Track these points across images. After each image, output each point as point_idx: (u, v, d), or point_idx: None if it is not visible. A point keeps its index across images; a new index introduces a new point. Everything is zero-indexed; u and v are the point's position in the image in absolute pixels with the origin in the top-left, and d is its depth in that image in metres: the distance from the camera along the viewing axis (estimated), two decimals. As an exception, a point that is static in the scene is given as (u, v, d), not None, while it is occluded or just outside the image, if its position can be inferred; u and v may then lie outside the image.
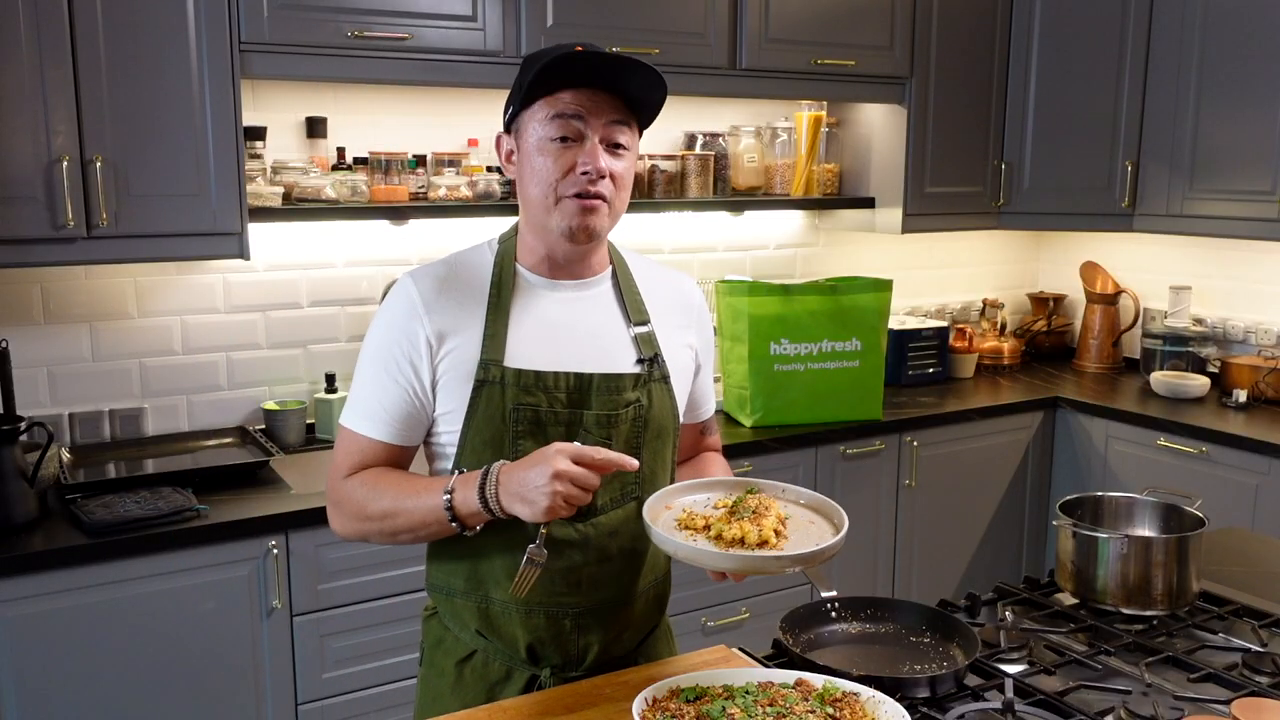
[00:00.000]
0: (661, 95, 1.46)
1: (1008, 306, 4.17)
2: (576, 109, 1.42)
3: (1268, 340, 3.58)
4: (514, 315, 1.48)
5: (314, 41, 2.46)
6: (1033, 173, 3.62)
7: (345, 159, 2.81)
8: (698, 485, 1.53)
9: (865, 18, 3.23)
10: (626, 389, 1.49)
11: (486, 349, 1.46)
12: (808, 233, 3.71)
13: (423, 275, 1.50)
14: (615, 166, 1.45)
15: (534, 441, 1.45)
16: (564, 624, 1.50)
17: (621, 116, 1.45)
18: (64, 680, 2.15)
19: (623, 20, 2.83)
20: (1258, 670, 1.53)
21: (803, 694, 1.31)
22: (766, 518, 1.39)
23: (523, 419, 1.45)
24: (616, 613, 1.54)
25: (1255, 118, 3.20)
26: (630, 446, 1.50)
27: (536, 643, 1.51)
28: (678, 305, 1.63)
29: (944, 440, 3.31)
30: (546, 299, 1.51)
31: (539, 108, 1.44)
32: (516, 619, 1.50)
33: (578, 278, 1.54)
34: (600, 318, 1.53)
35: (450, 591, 1.55)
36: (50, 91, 2.21)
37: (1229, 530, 2.32)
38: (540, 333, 1.49)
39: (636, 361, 1.52)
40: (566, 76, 1.42)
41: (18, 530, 2.18)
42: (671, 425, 1.57)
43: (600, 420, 1.48)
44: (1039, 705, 1.41)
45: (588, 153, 1.43)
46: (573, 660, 1.53)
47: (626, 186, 1.49)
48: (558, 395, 1.46)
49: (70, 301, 2.62)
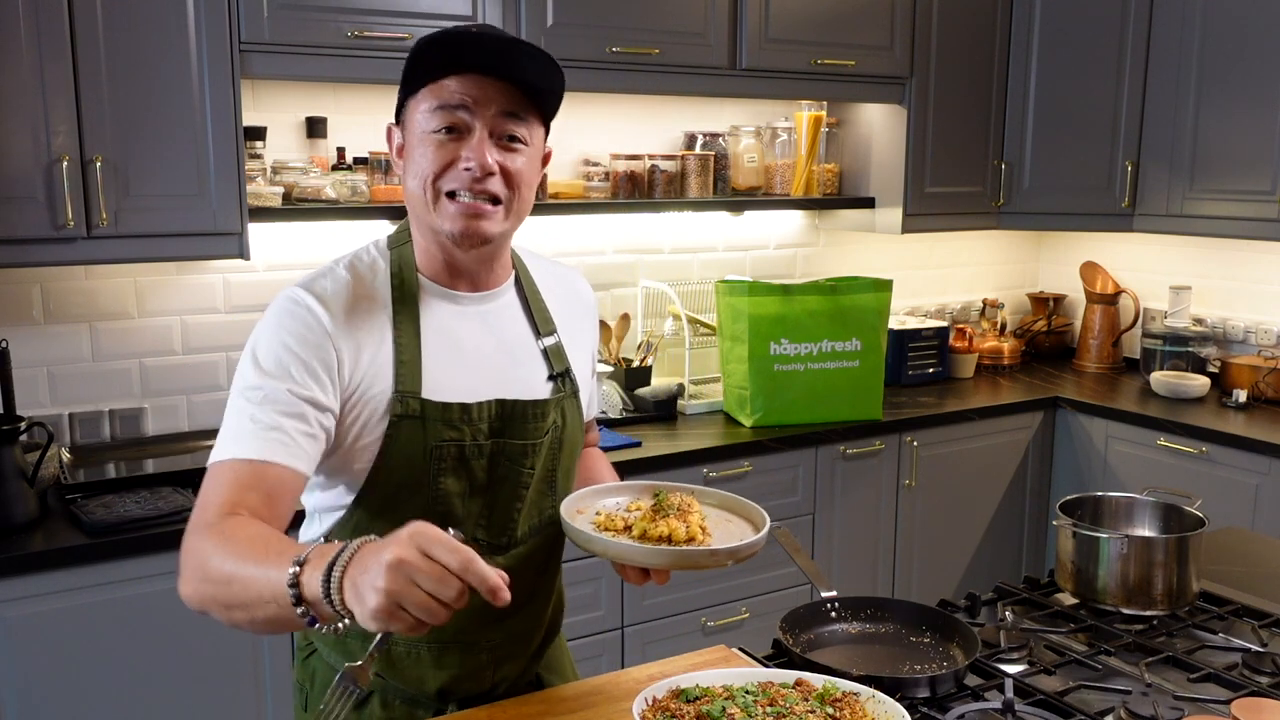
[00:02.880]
0: (559, 82, 1.31)
1: (1008, 306, 4.17)
2: (462, 98, 1.27)
3: (1268, 340, 3.58)
4: (424, 336, 1.33)
5: (314, 41, 2.46)
6: (1033, 173, 3.62)
7: (345, 159, 2.81)
8: (609, 490, 1.50)
9: (865, 18, 3.23)
10: (549, 413, 1.40)
11: (402, 379, 1.30)
12: (808, 233, 3.71)
13: (320, 288, 1.31)
14: (509, 162, 1.29)
15: (455, 479, 1.34)
16: (480, 659, 1.42)
17: (516, 108, 1.29)
18: (64, 680, 2.15)
19: (623, 20, 2.83)
20: (1258, 670, 1.53)
21: (803, 694, 1.31)
22: (691, 514, 1.38)
23: (446, 455, 1.32)
24: (530, 641, 1.48)
25: (1255, 118, 3.20)
26: (547, 470, 1.42)
27: (449, 682, 1.40)
28: (576, 307, 1.53)
29: (944, 440, 3.31)
30: (451, 314, 1.37)
31: (423, 96, 1.30)
32: (427, 660, 1.38)
33: (481, 288, 1.40)
34: (509, 334, 1.41)
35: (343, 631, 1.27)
36: (50, 91, 2.21)
37: (1229, 530, 2.31)
38: (453, 356, 1.35)
39: (548, 378, 1.43)
40: (451, 62, 1.27)
41: (18, 530, 2.18)
42: (580, 439, 1.49)
43: (525, 450, 1.38)
44: (1039, 705, 1.41)
45: (472, 147, 1.27)
46: (485, 694, 1.44)
47: (526, 184, 1.33)
48: (480, 426, 1.34)
49: (70, 301, 2.62)
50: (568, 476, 1.48)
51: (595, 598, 2.74)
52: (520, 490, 1.40)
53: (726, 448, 2.87)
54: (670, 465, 2.76)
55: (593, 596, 2.73)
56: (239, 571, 1.09)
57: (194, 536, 1.16)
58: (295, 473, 1.23)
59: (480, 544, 1.39)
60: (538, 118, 1.34)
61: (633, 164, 3.13)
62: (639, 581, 1.35)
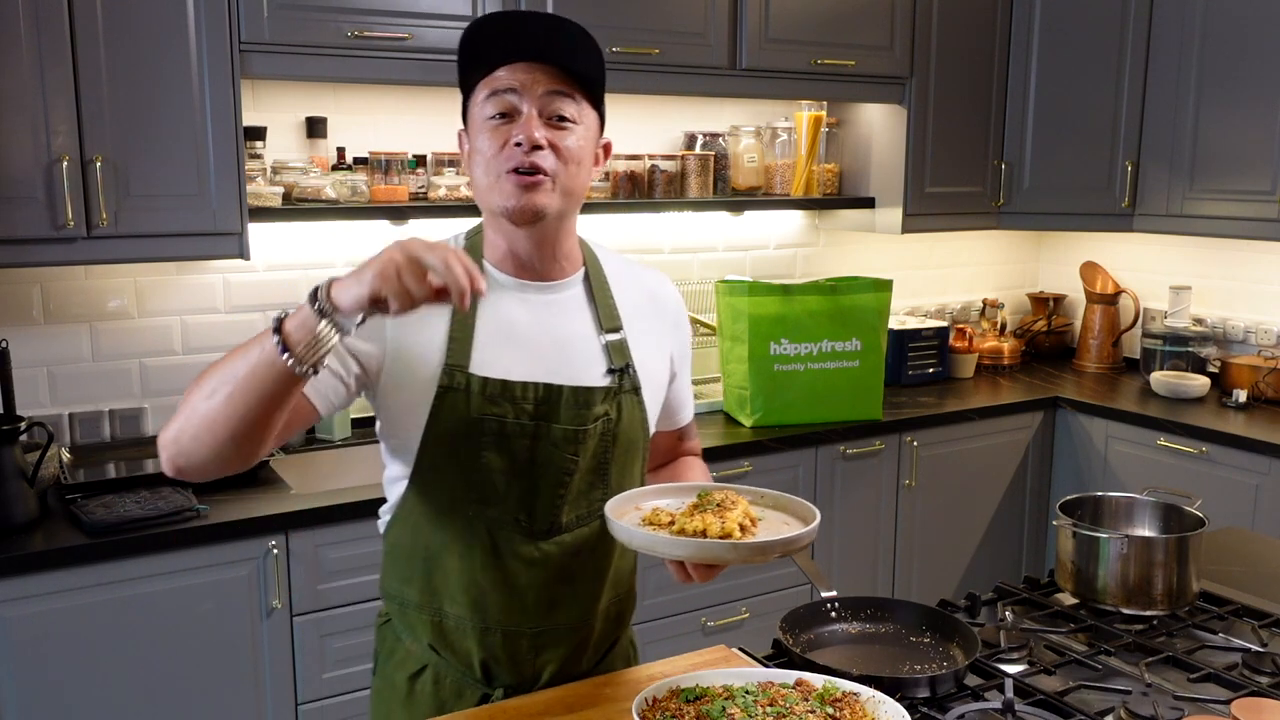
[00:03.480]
0: (597, 57, 1.39)
1: (1008, 306, 4.17)
2: (510, 83, 1.35)
3: (1268, 340, 3.58)
4: (480, 318, 1.40)
5: (314, 41, 2.46)
6: (1033, 173, 3.62)
7: (345, 159, 2.81)
8: (671, 489, 1.48)
9: (865, 18, 3.23)
10: (595, 402, 1.42)
11: (451, 352, 1.38)
12: (808, 233, 3.71)
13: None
14: (559, 139, 1.36)
15: (498, 454, 1.38)
16: (520, 644, 1.45)
17: (563, 87, 1.36)
18: (64, 680, 2.15)
19: (623, 20, 2.83)
20: (1258, 670, 1.53)
21: (803, 694, 1.31)
22: (731, 510, 1.34)
23: (487, 430, 1.37)
24: (575, 634, 1.49)
25: (1255, 118, 3.20)
26: (597, 461, 1.44)
27: (491, 661, 1.46)
28: (652, 309, 1.54)
29: (944, 440, 3.31)
30: (514, 301, 1.43)
31: (479, 91, 1.38)
32: (472, 635, 1.44)
33: (547, 279, 1.45)
34: (570, 325, 1.45)
35: (404, 601, 1.48)
36: (50, 91, 2.21)
37: (1229, 530, 2.31)
38: (507, 338, 1.41)
39: (606, 372, 1.45)
40: (496, 52, 1.36)
41: (18, 530, 2.18)
42: (641, 438, 1.50)
43: (567, 435, 1.40)
44: (1039, 705, 1.41)
45: (521, 124, 1.34)
46: (527, 681, 1.47)
47: (577, 161, 1.38)
48: (524, 406, 1.38)
49: (70, 301, 2.62)
50: (624, 472, 1.48)
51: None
52: (564, 477, 1.42)
53: (726, 448, 2.87)
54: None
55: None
56: (225, 359, 1.21)
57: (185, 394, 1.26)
58: (312, 406, 1.33)
59: (521, 525, 1.42)
60: (587, 99, 1.40)
61: (633, 164, 3.13)
62: (682, 577, 1.33)
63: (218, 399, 1.20)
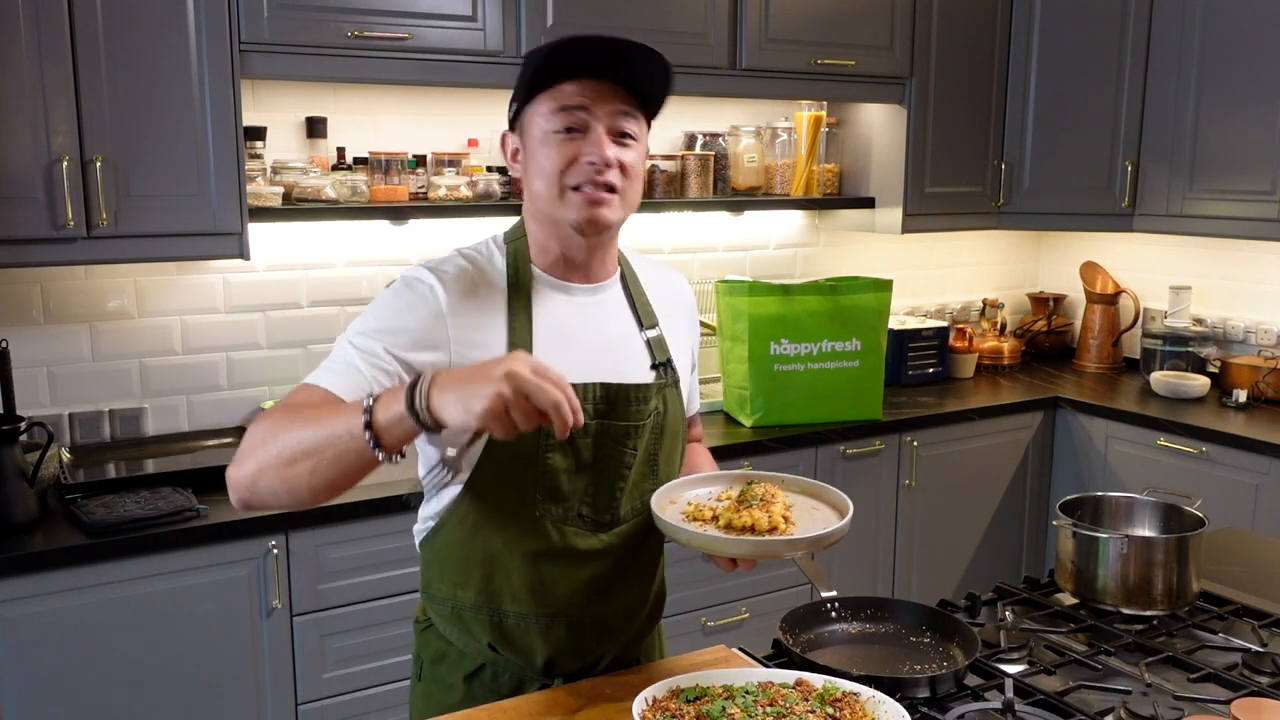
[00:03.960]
0: (668, 80, 1.42)
1: (1008, 306, 4.17)
2: (580, 100, 1.38)
3: (1268, 340, 3.58)
4: (536, 321, 1.44)
5: (314, 41, 2.46)
6: (1033, 173, 3.62)
7: (345, 159, 2.81)
8: (699, 480, 1.55)
9: (865, 18, 3.23)
10: (649, 398, 1.48)
11: None
12: (808, 233, 3.71)
13: (445, 273, 1.42)
14: (624, 156, 1.41)
15: (561, 455, 1.42)
16: (585, 634, 1.50)
17: (627, 106, 1.41)
18: (64, 680, 2.15)
19: (623, 20, 2.83)
20: (1258, 670, 1.53)
21: (803, 694, 1.31)
22: (774, 504, 1.42)
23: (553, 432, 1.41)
24: (632, 619, 1.55)
25: (1255, 118, 3.20)
26: (649, 454, 1.50)
27: (556, 654, 1.49)
28: (676, 305, 1.63)
29: (944, 440, 3.31)
30: (562, 304, 1.48)
31: (542, 101, 1.41)
32: (535, 631, 1.48)
33: (590, 281, 1.50)
34: (616, 324, 1.52)
35: (458, 604, 1.50)
36: (50, 91, 2.21)
37: (1229, 530, 2.31)
38: (564, 341, 1.45)
39: (651, 368, 1.52)
40: (568, 68, 1.38)
41: (18, 530, 2.18)
42: (682, 428, 1.58)
43: (628, 431, 1.46)
44: (1039, 705, 1.41)
45: (593, 142, 1.38)
46: (588, 668, 1.53)
47: (638, 177, 1.45)
48: (586, 407, 1.41)
49: (70, 301, 2.62)
50: (669, 462, 1.55)
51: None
52: (623, 470, 1.47)
53: (727, 448, 2.87)
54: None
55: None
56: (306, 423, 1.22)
57: (256, 425, 1.27)
58: None
59: (585, 520, 1.47)
60: (645, 115, 1.45)
61: (633, 164, 3.13)
62: (728, 568, 1.41)
63: (300, 470, 1.22)
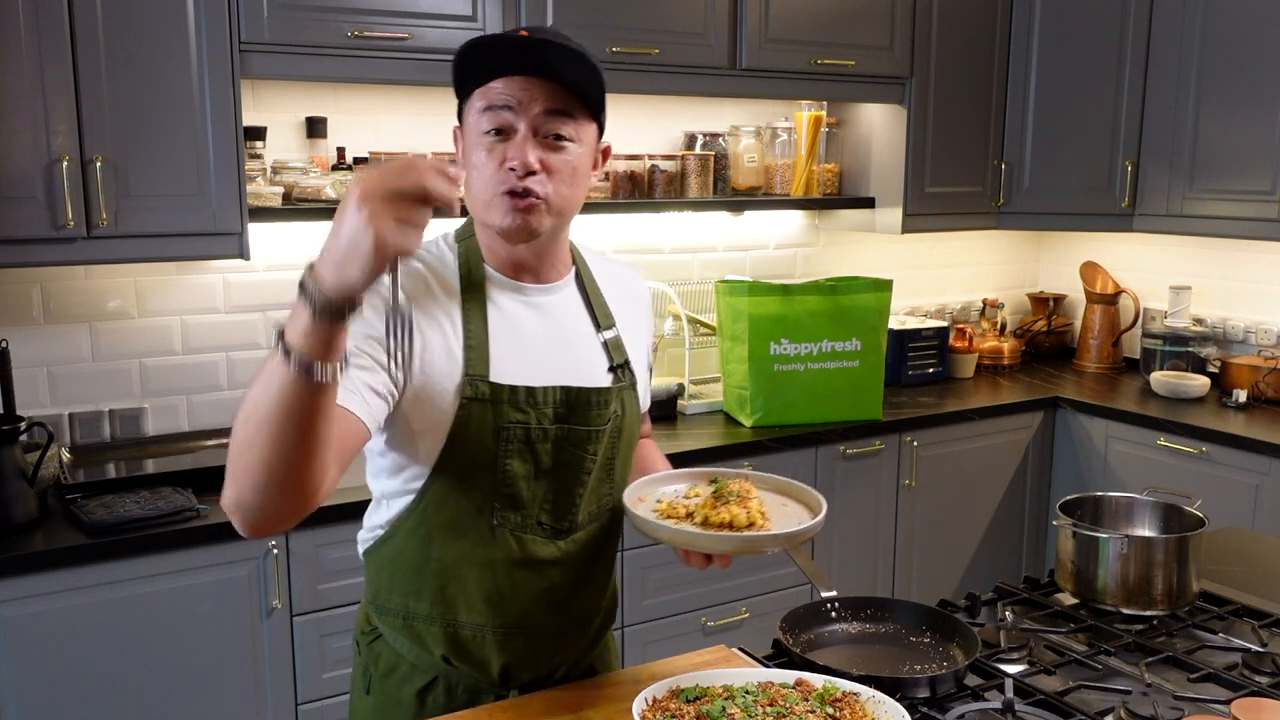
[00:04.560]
0: (597, 82, 1.36)
1: (1008, 306, 4.17)
2: (506, 99, 1.32)
3: (1268, 340, 3.58)
4: (491, 324, 1.40)
5: (314, 41, 2.46)
6: (1033, 173, 3.62)
7: (345, 159, 2.81)
8: (666, 478, 1.56)
9: (865, 18, 3.23)
10: (609, 401, 1.45)
11: (471, 362, 1.36)
12: (808, 233, 3.71)
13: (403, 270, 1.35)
14: (553, 160, 1.34)
15: (521, 461, 1.39)
16: (542, 643, 1.47)
17: (560, 105, 1.33)
18: (64, 680, 2.15)
19: (623, 20, 2.83)
20: (1258, 670, 1.53)
21: (803, 694, 1.31)
22: (751, 500, 1.41)
23: (512, 437, 1.37)
24: (589, 626, 1.53)
25: (1255, 118, 3.20)
26: (607, 458, 1.47)
27: (512, 664, 1.46)
28: (631, 303, 1.58)
29: (944, 440, 3.31)
30: (516, 304, 1.43)
31: (475, 99, 1.35)
32: (492, 642, 1.44)
33: (542, 281, 1.46)
34: (571, 325, 1.47)
35: (410, 615, 1.45)
36: (50, 91, 2.21)
37: (1229, 530, 2.31)
38: (519, 343, 1.41)
39: (609, 370, 1.48)
40: (495, 64, 1.32)
41: (18, 530, 2.18)
42: (637, 431, 1.55)
43: (589, 436, 1.43)
44: (1039, 705, 1.41)
45: (515, 145, 1.32)
46: (543, 679, 1.49)
47: (570, 181, 1.37)
48: (545, 411, 1.39)
49: (70, 301, 2.62)
50: (625, 465, 1.53)
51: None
52: (583, 476, 1.45)
53: (726, 448, 2.87)
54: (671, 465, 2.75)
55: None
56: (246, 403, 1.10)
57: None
58: (362, 424, 1.26)
59: (543, 527, 1.44)
60: (586, 115, 1.37)
61: (633, 164, 3.13)
62: (703, 566, 1.39)
63: (260, 444, 1.09)
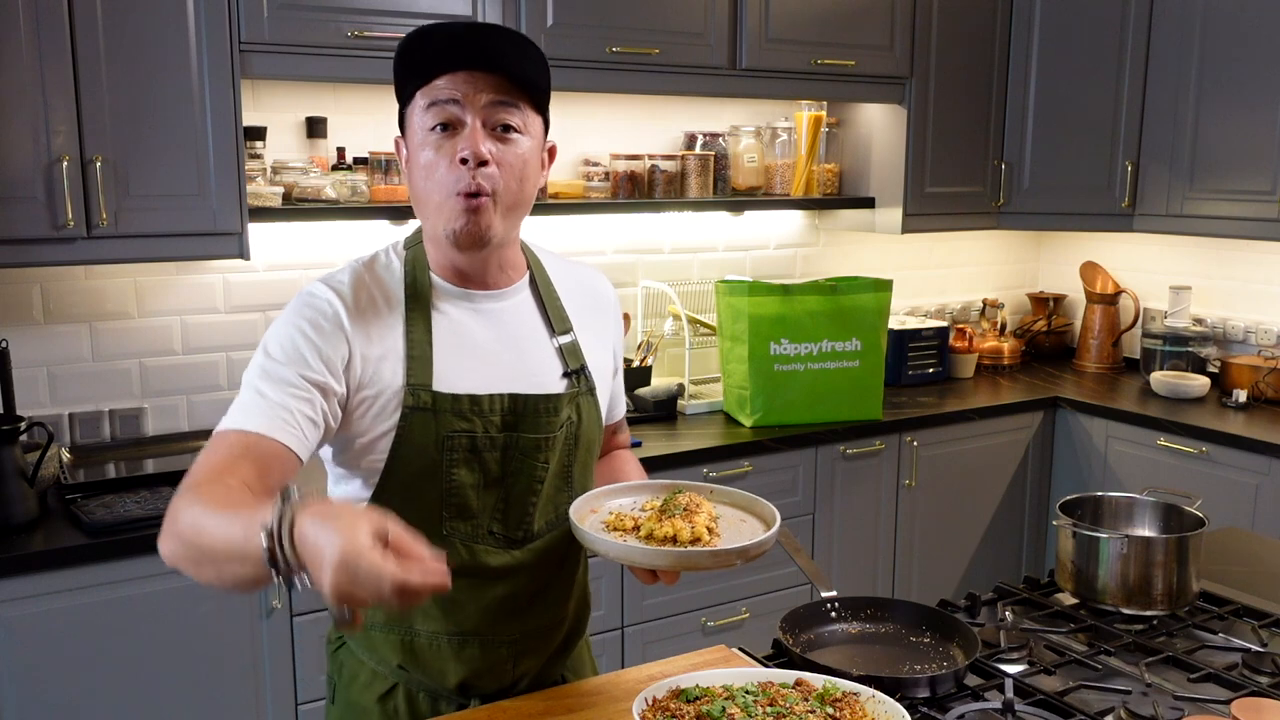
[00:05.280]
0: (544, 67, 1.34)
1: (1008, 306, 4.17)
2: (451, 93, 1.29)
3: (1268, 340, 3.58)
4: (435, 332, 1.36)
5: (314, 41, 2.46)
6: (1033, 173, 3.62)
7: (345, 159, 2.81)
8: (624, 489, 1.48)
9: (865, 18, 3.23)
10: (561, 408, 1.41)
11: (413, 372, 1.33)
12: (808, 233, 3.71)
13: (338, 284, 1.36)
14: (505, 153, 1.31)
15: (468, 470, 1.36)
16: (500, 653, 1.43)
17: (506, 96, 1.30)
18: (64, 680, 2.15)
19: (623, 20, 2.83)
20: (1258, 670, 1.53)
21: (803, 694, 1.31)
22: (698, 515, 1.35)
23: (457, 446, 1.35)
24: (552, 635, 1.49)
25: (1255, 118, 3.20)
26: (563, 466, 1.44)
27: (470, 675, 1.42)
28: (595, 306, 1.53)
29: (944, 440, 3.31)
30: (463, 311, 1.40)
31: (418, 99, 1.32)
32: (448, 652, 1.41)
33: (492, 287, 1.42)
34: (523, 331, 1.43)
35: (368, 623, 1.43)
36: (50, 91, 2.21)
37: (1229, 530, 2.31)
38: (464, 351, 1.38)
39: (563, 375, 1.44)
40: (436, 60, 1.29)
41: (18, 530, 2.18)
42: (598, 437, 1.51)
43: (538, 444, 1.40)
44: (1039, 705, 1.41)
45: (465, 136, 1.29)
46: (505, 691, 1.45)
47: (521, 176, 1.33)
48: (492, 419, 1.36)
49: (70, 301, 2.62)
50: (585, 472, 1.49)
51: (595, 598, 2.73)
52: (535, 484, 1.41)
53: (726, 448, 2.87)
54: (670, 465, 2.76)
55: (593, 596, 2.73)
56: (208, 528, 1.10)
57: (178, 496, 1.17)
58: (291, 452, 1.25)
59: (496, 537, 1.40)
60: (531, 106, 1.34)
61: (633, 164, 3.13)
62: (648, 581, 1.34)
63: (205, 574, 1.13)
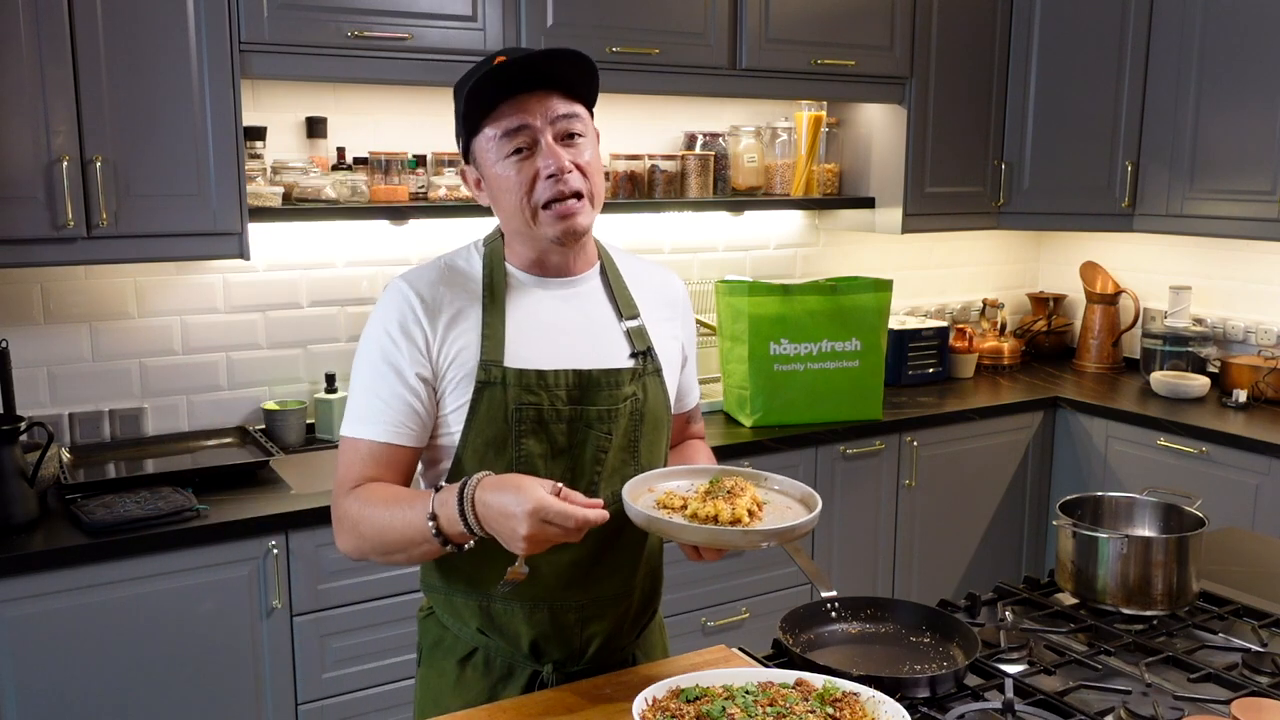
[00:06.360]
0: (594, 74, 1.46)
1: (1008, 306, 4.17)
2: (520, 120, 1.42)
3: (1268, 340, 3.58)
4: (509, 315, 1.49)
5: (314, 41, 2.46)
6: (1033, 173, 3.62)
7: (345, 159, 2.81)
8: (683, 471, 1.55)
9: (865, 18, 3.23)
10: (624, 383, 1.51)
11: (486, 350, 1.46)
12: (808, 233, 3.71)
13: (417, 279, 1.50)
14: (578, 157, 1.45)
15: (536, 440, 1.47)
16: (568, 618, 1.52)
17: (566, 109, 1.45)
18: (64, 680, 2.15)
19: (623, 20, 2.83)
20: (1258, 670, 1.53)
21: (803, 694, 1.31)
22: (741, 498, 1.42)
23: (525, 418, 1.46)
24: (618, 604, 1.56)
25: (1255, 118, 3.20)
26: (628, 439, 1.53)
27: (540, 638, 1.52)
28: (663, 299, 1.65)
29: (944, 440, 3.31)
30: (539, 297, 1.52)
31: (487, 130, 1.45)
32: (519, 616, 1.51)
33: (567, 275, 1.55)
34: (593, 314, 1.55)
35: (449, 591, 1.56)
36: (50, 91, 2.21)
37: (1229, 530, 2.32)
38: (537, 331, 1.50)
39: (630, 355, 1.54)
40: (497, 92, 1.42)
41: (18, 530, 2.18)
42: (665, 417, 1.59)
43: (601, 415, 1.49)
44: (1039, 705, 1.41)
45: (545, 154, 1.43)
46: (575, 654, 1.54)
47: (597, 171, 1.49)
48: (558, 393, 1.48)
49: (70, 301, 2.62)
50: (653, 450, 1.57)
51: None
52: (600, 455, 1.51)
53: (726, 448, 2.87)
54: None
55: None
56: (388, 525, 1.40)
57: (342, 502, 1.46)
58: (413, 450, 1.49)
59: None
60: (583, 105, 1.49)
61: (633, 164, 3.13)
62: (693, 557, 1.43)
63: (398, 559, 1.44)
